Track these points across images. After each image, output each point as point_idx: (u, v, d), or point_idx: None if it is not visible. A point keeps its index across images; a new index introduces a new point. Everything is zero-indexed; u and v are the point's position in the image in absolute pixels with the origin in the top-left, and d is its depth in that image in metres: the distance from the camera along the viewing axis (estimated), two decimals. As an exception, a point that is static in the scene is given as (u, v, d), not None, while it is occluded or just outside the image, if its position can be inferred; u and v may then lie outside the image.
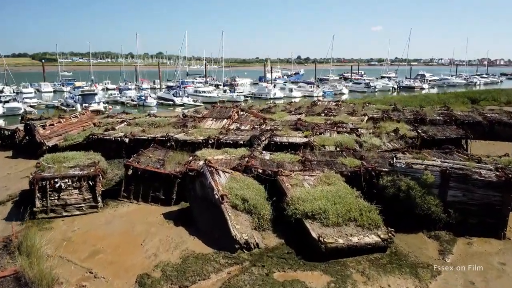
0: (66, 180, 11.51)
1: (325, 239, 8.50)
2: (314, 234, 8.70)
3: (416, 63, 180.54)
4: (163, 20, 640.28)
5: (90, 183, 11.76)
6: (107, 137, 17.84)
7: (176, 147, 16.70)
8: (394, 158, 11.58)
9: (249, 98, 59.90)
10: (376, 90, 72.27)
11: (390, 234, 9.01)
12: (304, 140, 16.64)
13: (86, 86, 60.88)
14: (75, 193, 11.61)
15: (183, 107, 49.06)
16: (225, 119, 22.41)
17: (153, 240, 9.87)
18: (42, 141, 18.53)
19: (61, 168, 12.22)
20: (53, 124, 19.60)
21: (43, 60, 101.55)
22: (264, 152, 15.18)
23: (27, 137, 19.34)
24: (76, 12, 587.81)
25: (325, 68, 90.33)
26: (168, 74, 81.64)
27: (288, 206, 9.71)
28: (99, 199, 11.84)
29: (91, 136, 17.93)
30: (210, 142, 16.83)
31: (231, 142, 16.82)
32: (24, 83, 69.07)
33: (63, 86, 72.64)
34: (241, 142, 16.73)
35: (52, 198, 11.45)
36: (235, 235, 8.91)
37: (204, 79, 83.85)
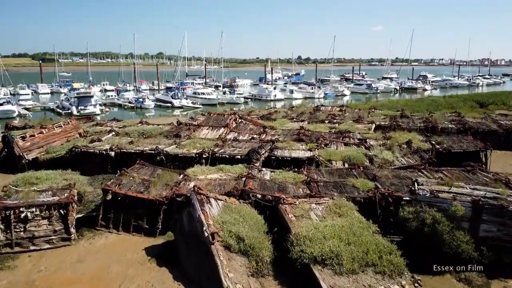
0: (34, 209, 9.88)
1: (338, 294, 6.89)
2: (325, 287, 7.09)
3: (416, 63, 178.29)
4: (163, 20, 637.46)
5: (62, 211, 10.14)
6: (91, 150, 16.21)
7: (167, 162, 15.11)
8: (416, 184, 9.97)
9: (249, 99, 58.38)
10: (378, 91, 70.65)
11: (416, 284, 7.39)
12: (308, 154, 15.04)
13: (82, 88, 59.07)
14: (44, 224, 9.99)
15: (181, 110, 47.51)
16: (222, 128, 20.81)
17: (130, 287, 8.26)
18: (21, 154, 16.89)
19: (29, 193, 10.59)
20: (34, 135, 17.95)
21: (40, 61, 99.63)
22: (263, 169, 13.59)
23: (5, 150, 17.71)
24: (77, 12, 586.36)
25: (326, 69, 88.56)
26: (168, 74, 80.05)
27: (292, 247, 8.07)
28: (72, 230, 10.21)
29: (74, 148, 16.29)
30: (204, 156, 15.23)
31: (227, 156, 15.22)
32: (21, 84, 67.36)
33: (61, 87, 70.91)
34: (239, 156, 15.13)
35: (18, 230, 9.85)
36: (227, 286, 7.30)
37: (204, 80, 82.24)
